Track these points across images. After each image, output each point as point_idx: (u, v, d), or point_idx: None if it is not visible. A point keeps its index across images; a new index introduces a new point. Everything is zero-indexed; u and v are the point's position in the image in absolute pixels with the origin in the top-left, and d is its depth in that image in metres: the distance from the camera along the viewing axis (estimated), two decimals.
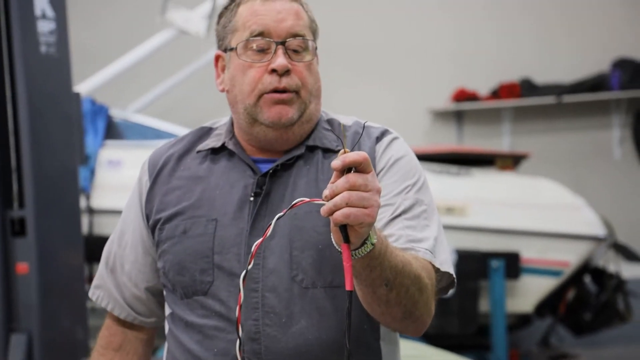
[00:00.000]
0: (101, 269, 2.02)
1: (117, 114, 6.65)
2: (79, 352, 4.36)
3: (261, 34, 1.81)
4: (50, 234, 4.49)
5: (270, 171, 1.83)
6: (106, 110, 6.43)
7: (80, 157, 4.92)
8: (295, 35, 1.82)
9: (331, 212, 1.46)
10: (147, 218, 1.92)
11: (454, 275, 1.82)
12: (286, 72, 1.80)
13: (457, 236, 5.83)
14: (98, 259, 2.03)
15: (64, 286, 4.53)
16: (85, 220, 5.65)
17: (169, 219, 1.86)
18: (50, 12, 4.53)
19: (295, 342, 1.74)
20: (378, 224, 1.73)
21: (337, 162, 1.46)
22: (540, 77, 8.56)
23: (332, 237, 1.55)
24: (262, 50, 1.81)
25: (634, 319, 6.48)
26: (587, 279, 6.51)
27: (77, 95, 5.01)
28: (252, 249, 1.54)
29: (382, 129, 1.91)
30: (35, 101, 4.48)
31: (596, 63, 8.54)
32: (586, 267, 6.38)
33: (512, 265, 6.01)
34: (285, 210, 1.56)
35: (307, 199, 1.54)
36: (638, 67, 8.30)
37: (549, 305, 6.43)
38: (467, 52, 8.66)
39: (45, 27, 4.51)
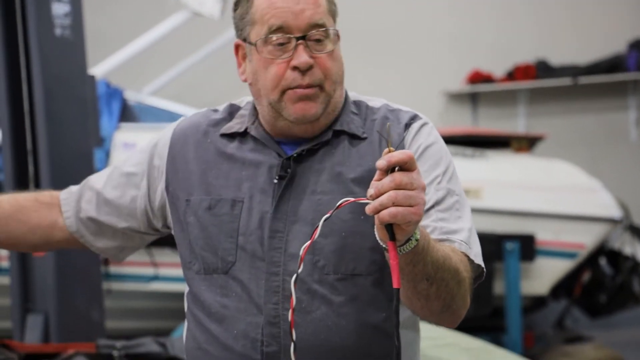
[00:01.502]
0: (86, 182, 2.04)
1: (131, 96, 6.66)
2: (95, 332, 4.38)
3: (280, 29, 1.76)
4: None
5: (295, 155, 1.82)
6: (121, 93, 6.45)
7: (95, 139, 4.94)
8: (315, 26, 1.77)
9: (377, 211, 1.46)
10: (167, 183, 1.91)
11: (484, 268, 1.81)
12: (309, 68, 1.77)
13: (472, 218, 5.83)
14: None
15: (79, 267, 4.55)
16: None
17: (193, 191, 1.86)
18: None
19: (314, 328, 1.74)
20: None
21: (382, 162, 1.46)
22: (556, 59, 8.53)
23: (376, 234, 1.54)
24: (282, 44, 1.77)
25: None
26: (603, 261, 6.50)
27: (92, 77, 5.02)
28: (301, 253, 1.55)
29: (412, 114, 1.88)
30: (50, 83, 4.49)
31: (613, 44, 8.50)
32: (602, 249, 6.37)
33: (527, 247, 6.00)
34: (331, 212, 1.56)
35: (352, 199, 1.55)
36: None
37: (564, 287, 6.43)
38: (482, 34, 8.64)
39: (60, 9, 4.52)
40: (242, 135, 1.88)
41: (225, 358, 1.77)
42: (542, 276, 6.15)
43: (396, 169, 1.46)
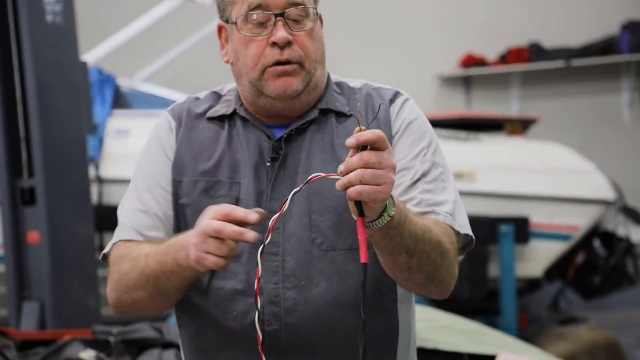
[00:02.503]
0: (127, 216, 1.89)
1: (124, 83, 6.65)
2: (91, 319, 4.39)
3: (259, 7, 1.77)
4: (60, 203, 4.51)
5: (285, 136, 1.83)
6: (113, 80, 6.43)
7: (88, 126, 4.94)
8: (294, 4, 1.78)
9: (345, 187, 1.50)
10: (172, 165, 1.88)
11: (473, 236, 1.84)
12: (288, 44, 1.78)
13: (466, 201, 5.75)
14: (108, 228, 2.00)
15: (74, 255, 4.56)
16: (94, 190, 5.67)
17: (186, 174, 1.85)
18: None
19: (315, 304, 1.75)
20: (399, 189, 1.76)
21: (351, 140, 1.49)
22: (549, 41, 8.53)
23: (349, 208, 1.57)
24: (262, 23, 1.79)
25: None
26: (597, 243, 6.52)
27: (84, 64, 5.01)
28: (269, 224, 1.57)
29: (394, 91, 1.91)
30: (42, 70, 4.49)
31: (605, 26, 8.50)
32: (595, 231, 6.39)
33: (522, 229, 6.02)
34: (301, 186, 1.58)
35: (323, 174, 1.58)
36: None
37: (558, 269, 6.45)
38: (474, 17, 8.63)
39: None
40: (230, 118, 1.88)
41: (226, 340, 1.78)
42: (536, 258, 6.17)
43: (368, 147, 1.49)
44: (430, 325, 3.30)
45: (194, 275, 1.68)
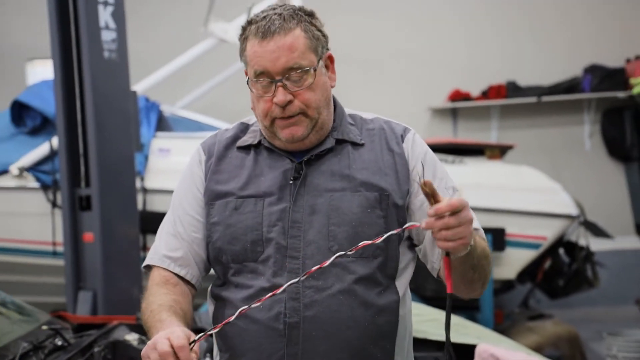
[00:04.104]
0: (162, 242, 1.91)
1: (166, 109, 6.67)
2: (135, 307, 4.38)
3: (262, 74, 1.77)
4: (111, 209, 4.53)
5: (305, 159, 1.83)
6: (158, 107, 6.45)
7: (136, 145, 4.95)
8: (291, 69, 1.76)
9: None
10: (204, 193, 1.89)
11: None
12: (288, 103, 1.78)
13: None
14: (151, 231, 2.02)
15: (122, 253, 4.56)
16: (140, 198, 5.68)
17: (219, 196, 1.86)
18: (112, 24, 4.55)
19: (329, 302, 1.75)
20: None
21: (443, 207, 1.56)
22: (523, 80, 8.52)
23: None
24: (267, 86, 1.78)
25: (600, 285, 6.47)
26: (561, 251, 6.50)
27: (134, 93, 5.04)
28: (303, 273, 1.69)
29: (403, 126, 1.92)
30: (99, 97, 4.51)
31: (571, 68, 8.50)
32: (560, 241, 6.37)
33: (499, 239, 5.99)
34: (398, 230, 1.69)
35: (416, 224, 1.68)
36: (606, 72, 8.26)
37: (528, 273, 6.42)
38: (461, 59, 8.64)
39: (108, 36, 4.53)
40: (256, 147, 1.89)
41: (254, 329, 1.78)
42: (511, 263, 6.14)
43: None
44: (421, 318, 3.29)
45: None
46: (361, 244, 1.66)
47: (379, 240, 1.66)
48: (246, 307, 1.67)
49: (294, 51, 1.76)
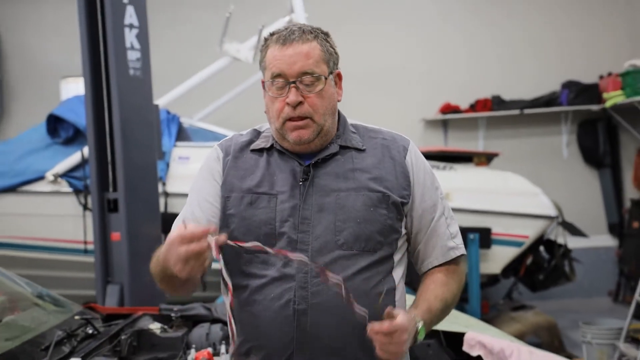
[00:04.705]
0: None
1: (185, 121, 6.69)
2: (158, 300, 4.39)
3: (279, 75, 1.78)
4: (136, 211, 4.53)
5: (313, 162, 1.85)
6: (178, 119, 6.47)
7: (158, 153, 4.95)
8: (305, 74, 1.78)
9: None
10: (221, 184, 1.89)
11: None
12: (299, 104, 1.79)
13: None
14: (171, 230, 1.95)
15: (146, 250, 4.50)
16: (162, 201, 5.69)
17: (235, 190, 1.86)
18: (137, 45, 4.56)
19: (334, 290, 1.75)
20: (435, 217, 1.90)
21: (379, 327, 1.64)
22: (507, 95, 8.52)
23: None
24: (281, 87, 1.80)
25: (576, 279, 6.47)
26: (542, 249, 6.50)
27: (156, 106, 5.04)
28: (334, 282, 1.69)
29: (404, 138, 1.95)
30: (125, 110, 4.51)
31: (549, 84, 8.50)
32: (541, 239, 6.37)
33: (485, 237, 6.00)
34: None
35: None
36: (581, 87, 8.25)
37: (512, 268, 6.43)
38: (452, 76, 8.64)
39: (133, 55, 4.54)
40: (268, 150, 1.90)
41: (265, 315, 1.79)
42: (496, 260, 6.15)
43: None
44: None
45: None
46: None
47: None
48: (258, 244, 1.68)
49: (309, 58, 1.78)
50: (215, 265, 1.75)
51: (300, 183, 1.83)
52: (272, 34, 1.84)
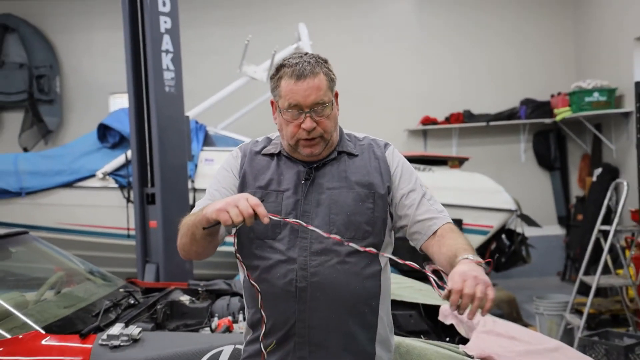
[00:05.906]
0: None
1: (211, 129, 6.69)
2: (187, 276, 4.40)
3: (295, 106, 1.77)
4: (170, 204, 4.54)
5: (315, 165, 1.84)
6: (204, 128, 6.47)
7: (188, 156, 4.96)
8: (318, 104, 1.77)
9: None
10: (239, 177, 1.88)
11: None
12: (312, 129, 1.79)
13: None
14: None
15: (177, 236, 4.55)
16: (191, 196, 5.69)
17: (249, 187, 1.85)
18: (171, 66, 4.57)
19: (329, 271, 1.75)
20: (416, 201, 1.83)
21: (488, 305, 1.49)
22: (476, 109, 8.52)
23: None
24: (297, 115, 1.79)
25: (532, 261, 6.47)
26: (503, 236, 6.49)
27: (187, 117, 5.05)
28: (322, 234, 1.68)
29: (385, 142, 1.95)
30: (162, 121, 4.52)
31: (510, 101, 8.50)
32: (503, 229, 6.37)
33: (458, 227, 5.98)
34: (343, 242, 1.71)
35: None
36: (536, 104, 8.25)
37: (479, 253, 6.41)
38: (430, 92, 8.64)
39: (168, 75, 4.55)
40: (278, 155, 1.89)
41: (272, 290, 1.78)
42: None
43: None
44: (399, 285, 3.29)
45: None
46: (369, 249, 1.70)
47: (385, 254, 1.74)
48: (297, 221, 1.69)
49: (320, 90, 1.76)
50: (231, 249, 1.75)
51: (303, 182, 1.83)
52: (283, 65, 1.80)
